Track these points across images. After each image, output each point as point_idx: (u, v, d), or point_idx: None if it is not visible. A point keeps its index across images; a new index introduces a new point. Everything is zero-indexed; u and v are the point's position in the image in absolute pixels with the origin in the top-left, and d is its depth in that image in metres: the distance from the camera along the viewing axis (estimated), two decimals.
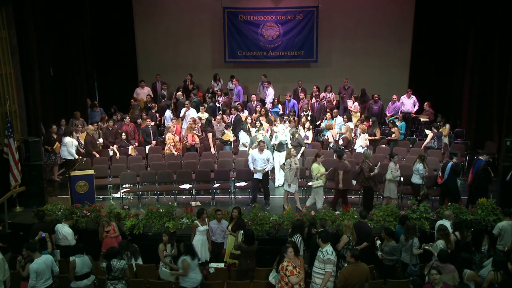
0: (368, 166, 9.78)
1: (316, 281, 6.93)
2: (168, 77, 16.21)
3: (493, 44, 12.99)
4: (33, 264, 6.85)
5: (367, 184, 9.85)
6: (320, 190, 10.01)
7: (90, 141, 11.88)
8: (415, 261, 7.57)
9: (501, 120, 12.66)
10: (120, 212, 9.22)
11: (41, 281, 6.85)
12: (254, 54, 16.68)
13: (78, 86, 14.82)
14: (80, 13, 14.76)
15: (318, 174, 9.91)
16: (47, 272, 6.95)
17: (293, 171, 10.02)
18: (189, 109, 13.30)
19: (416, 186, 10.05)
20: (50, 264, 7.01)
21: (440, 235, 7.68)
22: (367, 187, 9.90)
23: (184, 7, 16.57)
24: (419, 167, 9.94)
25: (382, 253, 7.68)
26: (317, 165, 9.98)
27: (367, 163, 9.82)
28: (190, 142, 12.09)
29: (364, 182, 9.85)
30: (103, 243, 8.31)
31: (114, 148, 12.04)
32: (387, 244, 7.64)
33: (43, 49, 11.95)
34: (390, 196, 10.01)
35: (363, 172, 9.78)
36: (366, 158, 9.93)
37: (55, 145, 11.70)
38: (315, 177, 9.94)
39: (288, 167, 10.05)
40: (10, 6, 10.16)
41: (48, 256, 7.09)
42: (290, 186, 10.11)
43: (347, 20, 16.43)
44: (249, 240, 7.65)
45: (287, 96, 14.87)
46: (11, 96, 10.22)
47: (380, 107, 14.12)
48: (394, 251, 7.58)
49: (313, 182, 10.00)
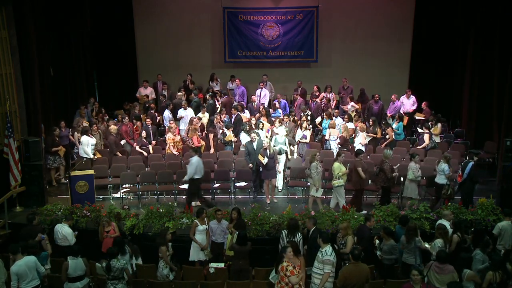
0: (389, 166, 9.74)
1: (315, 281, 6.94)
2: (168, 77, 16.21)
3: (493, 44, 12.98)
4: (13, 267, 6.76)
5: (387, 185, 9.81)
6: (341, 189, 9.88)
7: (114, 142, 11.94)
8: (419, 261, 7.57)
9: (501, 120, 12.64)
10: (120, 212, 9.22)
11: (23, 282, 6.76)
12: (254, 54, 16.68)
13: (78, 86, 14.84)
14: (80, 13, 14.77)
15: (340, 173, 9.80)
16: (30, 273, 6.83)
17: (320, 174, 9.88)
18: (186, 109, 13.27)
19: (440, 186, 9.98)
20: (33, 266, 6.90)
21: (439, 234, 7.70)
22: (386, 188, 9.86)
23: (184, 7, 16.57)
24: (445, 167, 9.86)
25: (381, 253, 7.68)
26: (338, 164, 9.85)
27: (388, 164, 9.78)
28: (196, 144, 11.97)
29: (384, 183, 9.81)
30: (103, 243, 8.30)
31: (137, 147, 12.03)
32: (385, 243, 7.64)
33: (43, 49, 11.94)
34: (412, 196, 9.95)
35: (385, 173, 9.72)
36: (386, 158, 9.89)
37: (59, 147, 11.74)
38: (336, 176, 9.81)
39: (315, 171, 9.85)
40: (10, 6, 10.16)
41: (30, 257, 6.96)
42: (317, 190, 9.92)
43: (347, 20, 16.43)
44: (242, 240, 7.64)
45: (278, 97, 14.85)
46: (11, 96, 10.22)
47: (380, 107, 14.12)
48: (393, 250, 7.59)
49: (334, 182, 9.86)
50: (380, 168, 9.89)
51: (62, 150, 11.79)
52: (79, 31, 14.80)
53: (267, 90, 15.16)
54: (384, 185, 9.88)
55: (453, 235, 7.81)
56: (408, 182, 9.94)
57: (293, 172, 11.24)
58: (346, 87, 15.14)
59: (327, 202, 10.23)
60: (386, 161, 9.85)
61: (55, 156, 11.73)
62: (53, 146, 11.66)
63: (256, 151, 10.59)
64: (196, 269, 7.96)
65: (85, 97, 14.85)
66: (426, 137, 12.06)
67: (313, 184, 9.91)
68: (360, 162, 9.87)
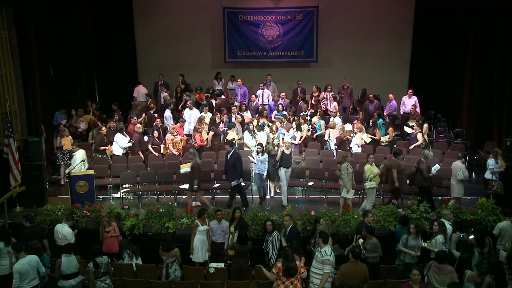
0: (426, 166, 9.73)
1: (314, 281, 6.94)
2: (168, 77, 16.20)
3: (493, 44, 13.00)
4: (17, 265, 6.81)
5: (426, 184, 9.80)
6: (373, 191, 9.79)
7: (139, 140, 11.96)
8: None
9: (501, 120, 12.67)
10: (120, 212, 9.22)
11: (25, 281, 6.79)
12: (254, 54, 16.69)
13: (78, 86, 14.83)
14: (80, 13, 14.77)
15: (371, 175, 9.70)
16: (32, 272, 6.88)
17: (350, 175, 9.77)
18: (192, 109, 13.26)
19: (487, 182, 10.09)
20: (35, 265, 6.94)
21: (439, 230, 7.74)
22: (426, 187, 9.84)
23: (184, 7, 16.58)
24: (489, 162, 9.99)
25: (364, 251, 7.68)
26: (369, 166, 9.76)
27: (425, 163, 9.76)
28: (199, 143, 11.93)
29: (422, 182, 9.80)
30: (103, 243, 8.31)
31: (149, 146, 12.05)
32: (368, 241, 7.65)
33: (43, 49, 11.95)
34: (458, 196, 9.92)
35: (422, 172, 9.71)
36: (426, 158, 9.85)
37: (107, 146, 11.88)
38: (368, 178, 9.71)
39: (345, 172, 9.67)
40: (10, 6, 10.16)
41: (33, 257, 7.00)
42: (348, 191, 9.73)
43: (347, 20, 16.43)
44: (242, 240, 7.66)
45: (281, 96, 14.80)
46: (11, 96, 10.22)
47: (375, 106, 14.01)
48: (376, 248, 7.57)
49: (366, 184, 9.74)
50: (417, 168, 9.84)
51: (110, 149, 11.82)
52: (79, 31, 14.80)
53: (270, 91, 15.15)
54: (422, 185, 9.84)
55: (453, 234, 7.82)
56: (456, 182, 9.90)
57: (292, 172, 11.19)
58: (346, 87, 15.14)
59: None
60: (423, 161, 9.78)
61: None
62: (102, 145, 11.83)
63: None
64: (196, 269, 7.96)
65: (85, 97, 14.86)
66: (419, 136, 11.94)
67: (343, 185, 9.79)
68: (396, 163, 9.78)
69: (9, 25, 10.16)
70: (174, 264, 7.62)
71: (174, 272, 7.59)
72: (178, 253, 7.63)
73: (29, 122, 10.84)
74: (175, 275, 7.60)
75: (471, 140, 13.37)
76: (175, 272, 7.60)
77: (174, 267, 7.61)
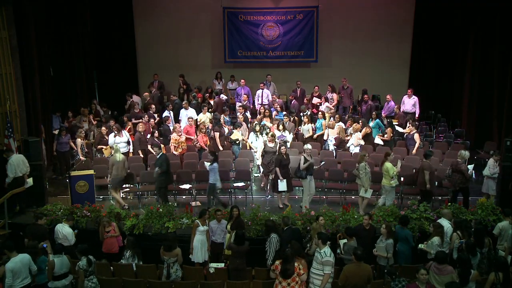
0: (466, 167, 9.68)
1: (315, 282, 6.94)
2: (168, 77, 16.22)
3: (493, 44, 13.00)
4: (9, 263, 6.79)
5: (466, 185, 9.73)
6: (394, 189, 9.75)
7: (139, 139, 11.97)
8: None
9: (501, 120, 12.67)
10: (120, 212, 9.22)
11: (17, 280, 6.78)
12: (254, 54, 16.70)
13: (78, 86, 14.83)
14: (80, 13, 14.77)
15: (395, 173, 9.60)
16: (24, 271, 6.87)
17: (368, 175, 9.70)
18: (188, 109, 13.24)
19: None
20: (27, 263, 6.93)
21: (435, 232, 7.74)
22: (465, 188, 9.77)
23: (184, 7, 16.59)
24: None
25: (342, 252, 7.67)
26: (391, 165, 9.63)
27: (465, 165, 9.71)
28: (201, 144, 11.94)
29: (464, 183, 9.70)
30: (103, 243, 8.32)
31: (149, 146, 12.04)
32: (347, 243, 7.65)
33: (43, 49, 11.95)
34: (489, 192, 9.95)
35: (463, 174, 9.61)
36: (462, 158, 9.75)
37: (106, 146, 11.90)
38: (392, 176, 9.60)
39: (363, 171, 9.64)
40: (10, 6, 10.17)
41: (25, 255, 6.98)
42: (366, 191, 9.70)
43: (347, 20, 16.44)
44: (239, 240, 7.65)
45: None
46: (11, 96, 10.22)
47: (368, 107, 13.92)
48: (351, 251, 7.47)
49: (392, 182, 9.62)
50: (456, 169, 9.69)
51: (108, 149, 11.81)
52: (79, 31, 14.79)
53: (269, 91, 15.14)
54: (463, 186, 9.73)
55: (453, 233, 7.83)
56: (486, 179, 9.98)
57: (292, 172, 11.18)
58: (346, 87, 15.13)
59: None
60: (461, 162, 9.70)
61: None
62: (100, 144, 11.91)
63: None
64: (196, 269, 7.96)
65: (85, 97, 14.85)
66: (416, 137, 11.84)
67: (361, 185, 9.77)
68: (428, 165, 9.69)
69: (9, 25, 10.17)
70: (176, 264, 7.62)
71: (175, 272, 7.59)
72: (179, 253, 7.63)
73: (29, 122, 10.84)
74: (176, 275, 7.59)
75: (471, 140, 13.37)
76: (176, 272, 7.60)
77: (175, 267, 7.61)
